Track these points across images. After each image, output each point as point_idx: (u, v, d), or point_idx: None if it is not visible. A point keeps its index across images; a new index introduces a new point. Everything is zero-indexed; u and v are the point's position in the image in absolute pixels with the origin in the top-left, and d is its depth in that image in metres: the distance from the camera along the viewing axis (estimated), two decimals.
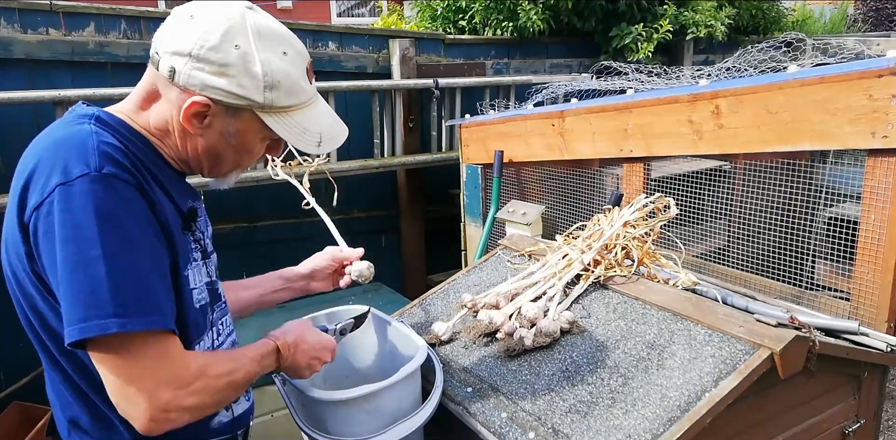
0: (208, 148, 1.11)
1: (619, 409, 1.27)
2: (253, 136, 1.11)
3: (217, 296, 1.22)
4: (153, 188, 1.03)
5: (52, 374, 1.10)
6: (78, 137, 0.99)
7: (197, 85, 1.03)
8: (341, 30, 4.47)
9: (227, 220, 4.15)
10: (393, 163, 4.32)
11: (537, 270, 1.72)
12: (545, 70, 5.32)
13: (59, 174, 0.95)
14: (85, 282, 0.92)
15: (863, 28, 9.20)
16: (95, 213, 0.93)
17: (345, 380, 1.59)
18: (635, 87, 2.96)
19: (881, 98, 1.80)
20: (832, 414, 1.55)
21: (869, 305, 1.91)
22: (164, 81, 1.05)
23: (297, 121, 1.10)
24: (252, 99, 1.05)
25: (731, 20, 5.55)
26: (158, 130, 1.09)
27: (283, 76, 1.06)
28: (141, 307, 0.94)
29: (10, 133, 3.31)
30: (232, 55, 1.02)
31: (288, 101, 1.08)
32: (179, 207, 1.10)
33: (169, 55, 1.03)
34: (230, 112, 1.06)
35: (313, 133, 1.13)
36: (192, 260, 1.12)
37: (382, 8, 11.73)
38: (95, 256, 0.92)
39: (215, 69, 1.02)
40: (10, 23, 3.42)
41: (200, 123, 1.06)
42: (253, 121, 1.08)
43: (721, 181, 2.49)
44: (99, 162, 0.96)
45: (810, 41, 3.77)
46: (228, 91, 1.03)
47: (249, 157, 1.15)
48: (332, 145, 1.17)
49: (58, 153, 0.97)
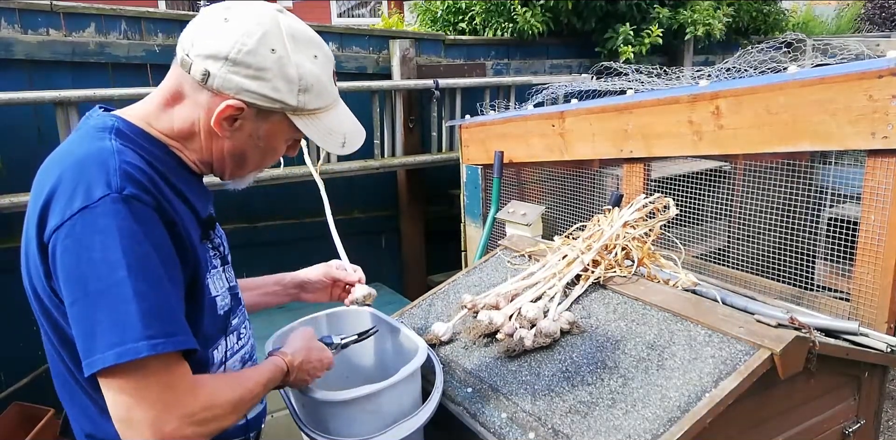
0: (234, 150, 1.11)
1: (619, 410, 1.27)
2: (280, 138, 1.13)
3: (238, 301, 1.23)
4: (173, 203, 1.02)
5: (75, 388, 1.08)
6: (100, 157, 0.99)
7: (232, 88, 1.03)
8: (342, 30, 4.47)
9: (228, 220, 4.15)
10: (393, 163, 4.32)
11: (537, 271, 1.72)
12: (545, 70, 5.32)
13: (82, 196, 0.94)
14: (109, 307, 0.91)
15: (869, 28, 9.19)
16: (118, 234, 0.93)
17: (345, 381, 1.59)
18: (635, 87, 2.96)
19: (881, 98, 1.80)
20: (832, 414, 1.55)
21: (869, 306, 1.92)
22: (194, 84, 1.05)
23: (324, 122, 1.12)
24: (286, 102, 1.06)
25: (729, 19, 5.55)
26: (182, 133, 1.09)
27: (314, 79, 1.07)
28: (167, 330, 0.94)
29: (10, 133, 3.31)
30: (269, 59, 1.03)
31: (317, 103, 1.10)
32: (199, 216, 1.11)
33: (202, 59, 1.02)
34: (262, 115, 1.07)
35: (338, 134, 1.15)
36: (212, 267, 1.13)
37: (383, 10, 11.74)
38: (115, 280, 0.92)
39: (251, 73, 1.03)
40: (10, 23, 3.42)
41: (231, 126, 1.07)
42: (283, 123, 1.09)
43: (721, 182, 2.49)
44: (121, 183, 0.95)
45: (810, 42, 3.77)
46: (263, 94, 1.04)
47: (273, 157, 1.17)
48: (355, 146, 1.19)
49: (80, 174, 0.97)
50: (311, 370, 1.26)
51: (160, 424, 0.93)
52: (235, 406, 1.05)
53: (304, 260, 1.65)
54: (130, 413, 0.94)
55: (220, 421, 1.02)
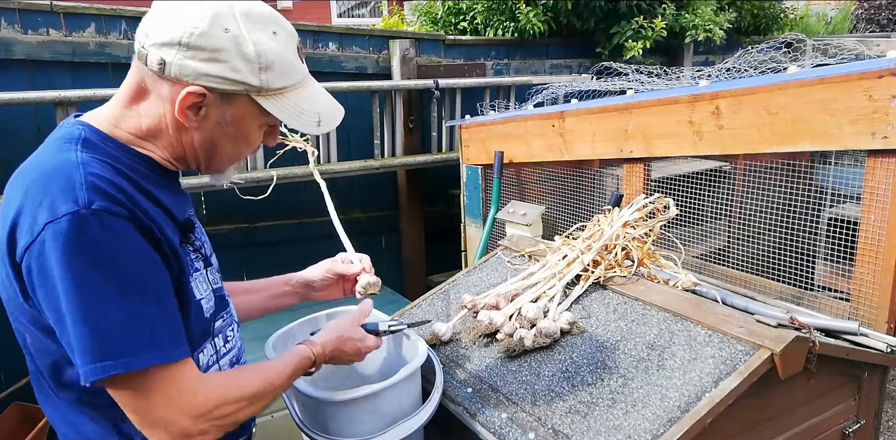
0: (205, 140, 1.08)
1: (619, 410, 1.27)
2: (249, 123, 1.09)
3: (224, 304, 1.21)
4: (148, 211, 1.00)
5: (57, 402, 1.10)
6: (64, 170, 0.96)
7: (190, 75, 0.99)
8: (342, 30, 4.48)
9: (227, 220, 4.16)
10: (393, 163, 4.32)
11: (537, 271, 1.72)
12: (545, 71, 5.32)
13: (47, 212, 0.92)
14: (96, 322, 0.91)
15: (866, 28, 9.19)
16: (88, 251, 0.91)
17: (344, 381, 1.59)
18: (635, 87, 2.96)
19: (881, 98, 1.80)
20: (832, 414, 1.55)
21: (869, 306, 1.92)
22: (153, 76, 1.02)
23: (293, 101, 1.08)
24: (248, 82, 1.02)
25: (730, 24, 5.56)
26: (151, 130, 1.06)
27: (276, 56, 1.03)
28: (157, 341, 0.95)
29: (10, 134, 3.31)
30: (223, 39, 0.99)
31: (283, 81, 1.05)
32: (177, 219, 1.08)
33: (157, 48, 0.99)
34: (225, 99, 1.04)
35: (311, 113, 1.10)
36: (195, 270, 1.11)
37: (383, 10, 11.73)
38: (99, 296, 0.91)
39: (207, 55, 0.99)
40: (10, 23, 3.42)
41: (196, 115, 1.03)
42: (249, 106, 1.05)
43: (721, 182, 2.50)
44: (88, 197, 0.93)
45: (810, 42, 3.77)
46: (223, 77, 1.00)
47: (247, 145, 1.12)
48: (331, 124, 1.14)
49: (45, 189, 0.94)
50: (345, 357, 1.26)
51: (175, 427, 0.96)
52: (253, 398, 1.06)
53: (303, 260, 1.65)
54: (147, 419, 0.97)
55: (237, 414, 1.03)
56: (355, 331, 1.30)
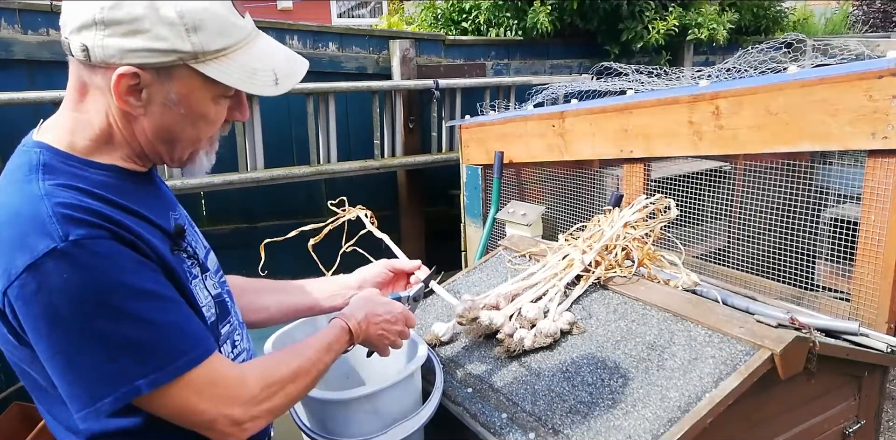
0: (158, 127, 0.97)
1: (619, 410, 1.27)
2: (200, 97, 0.97)
3: (226, 309, 1.16)
4: (130, 227, 0.93)
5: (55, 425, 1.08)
6: (30, 207, 0.89)
7: (115, 55, 0.90)
8: (342, 31, 4.48)
9: (227, 220, 4.15)
10: (393, 163, 4.32)
11: (537, 271, 1.72)
12: (545, 71, 5.33)
13: (24, 253, 0.86)
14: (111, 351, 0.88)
15: (865, 30, 9.20)
16: (84, 287, 0.86)
17: (344, 381, 1.59)
18: (635, 88, 2.97)
19: (881, 99, 1.80)
20: (832, 414, 1.55)
21: (869, 306, 1.92)
22: (84, 68, 0.94)
23: (240, 63, 0.96)
24: (178, 49, 0.91)
25: (733, 25, 5.56)
26: (104, 132, 0.97)
27: (204, 14, 0.91)
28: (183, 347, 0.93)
29: (10, 134, 3.31)
30: (137, 6, 0.89)
31: (221, 42, 0.94)
32: (162, 227, 1.01)
33: (76, 33, 0.91)
34: (163, 75, 0.93)
35: (265, 71, 0.98)
36: (192, 277, 1.06)
37: (383, 8, 11.73)
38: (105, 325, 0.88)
39: (126, 29, 0.89)
40: (10, 24, 3.42)
41: (138, 100, 0.94)
42: (192, 77, 0.94)
43: (721, 182, 2.50)
44: (62, 229, 0.86)
45: (811, 42, 3.77)
46: (150, 48, 0.90)
47: (206, 124, 1.00)
48: (292, 82, 1.02)
49: (13, 228, 0.88)
50: (384, 324, 1.23)
51: (224, 419, 0.95)
52: (296, 375, 1.05)
53: (303, 259, 1.65)
54: (198, 421, 0.95)
55: (285, 392, 1.03)
56: (380, 298, 1.30)
